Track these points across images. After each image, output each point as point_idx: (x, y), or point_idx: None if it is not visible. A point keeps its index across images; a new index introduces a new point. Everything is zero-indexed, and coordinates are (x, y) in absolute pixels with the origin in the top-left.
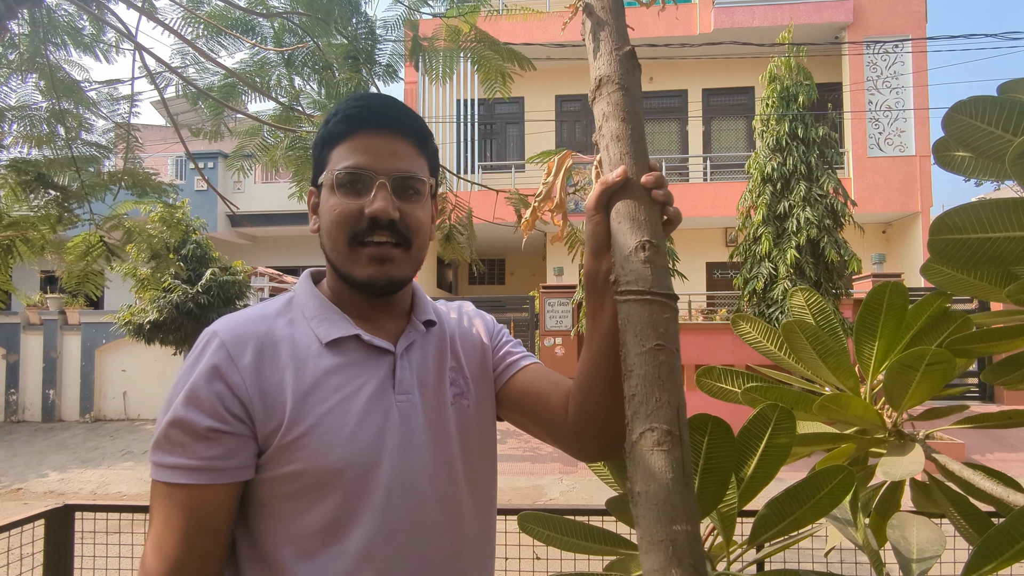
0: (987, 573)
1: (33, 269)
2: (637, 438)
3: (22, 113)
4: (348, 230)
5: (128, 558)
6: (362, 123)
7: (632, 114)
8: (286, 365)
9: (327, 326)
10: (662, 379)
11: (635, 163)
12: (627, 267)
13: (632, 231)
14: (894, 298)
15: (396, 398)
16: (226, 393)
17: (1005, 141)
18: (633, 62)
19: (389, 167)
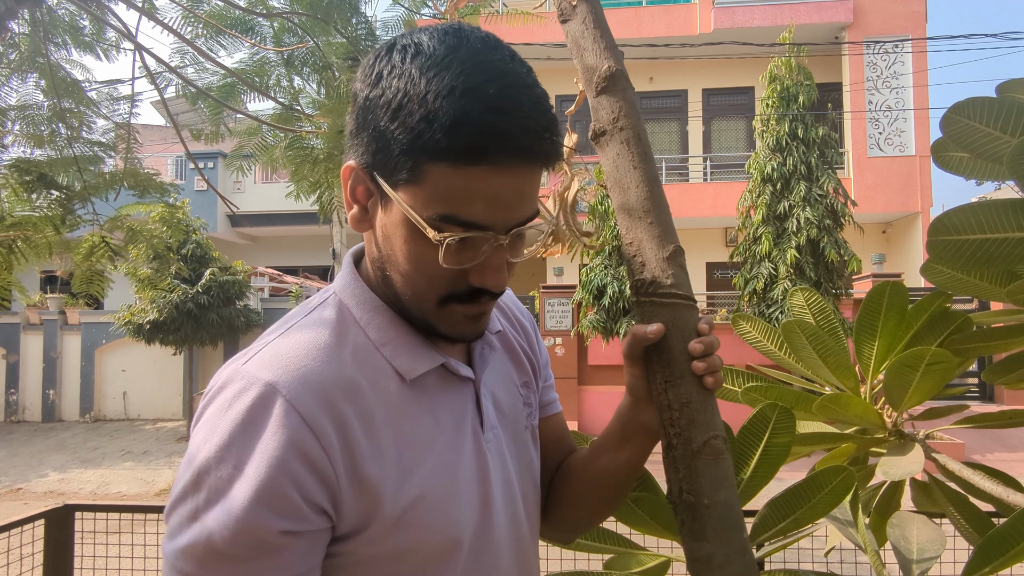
0: (988, 573)
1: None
2: (699, 447)
3: (23, 113)
4: (443, 291)
5: (128, 558)
6: (492, 155)
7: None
8: (372, 421)
9: (407, 356)
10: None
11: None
12: (666, 270)
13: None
14: (894, 298)
15: (485, 437)
16: (308, 480)
17: (1003, 142)
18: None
19: (512, 220)
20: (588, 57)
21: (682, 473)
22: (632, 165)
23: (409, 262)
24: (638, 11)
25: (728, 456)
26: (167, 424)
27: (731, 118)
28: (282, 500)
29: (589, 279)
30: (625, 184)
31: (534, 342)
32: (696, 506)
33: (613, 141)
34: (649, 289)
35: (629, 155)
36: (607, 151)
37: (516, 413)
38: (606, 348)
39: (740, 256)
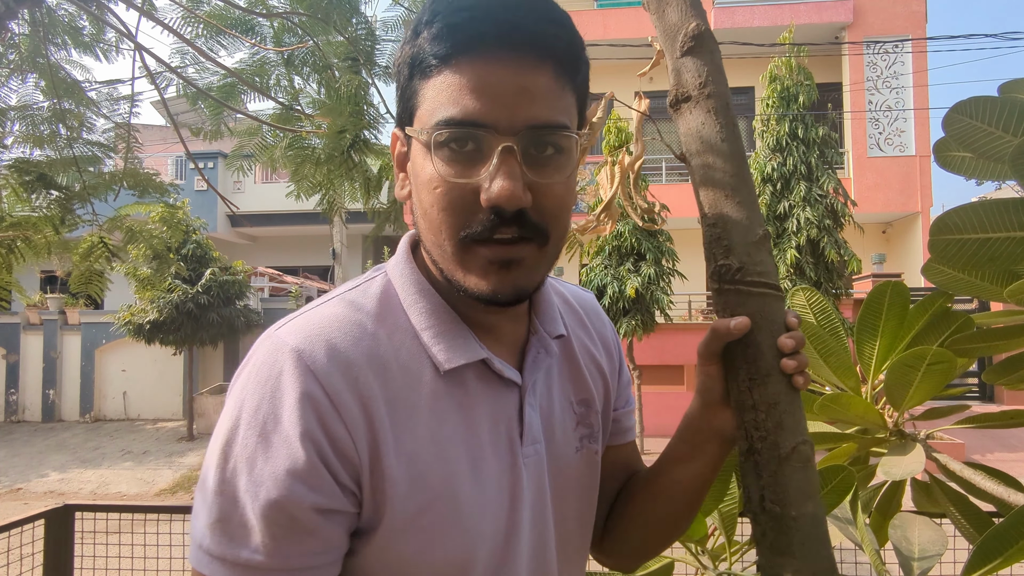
0: (987, 572)
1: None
2: (788, 453)
3: (23, 113)
4: (459, 220)
5: (128, 558)
6: (475, 39)
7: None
8: (397, 409)
9: (446, 345)
10: (802, 385)
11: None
12: (754, 256)
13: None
14: (895, 298)
15: (523, 451)
16: (331, 455)
17: (1005, 141)
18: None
19: (518, 118)
20: (671, 13)
21: (766, 480)
22: (720, 137)
23: (423, 192)
24: (638, 11)
25: (814, 466)
26: (167, 424)
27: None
28: (309, 471)
29: (589, 279)
30: (710, 158)
31: (614, 359)
32: (782, 517)
33: (698, 108)
34: (736, 276)
35: (716, 125)
36: (689, 119)
37: (566, 432)
38: None
39: None
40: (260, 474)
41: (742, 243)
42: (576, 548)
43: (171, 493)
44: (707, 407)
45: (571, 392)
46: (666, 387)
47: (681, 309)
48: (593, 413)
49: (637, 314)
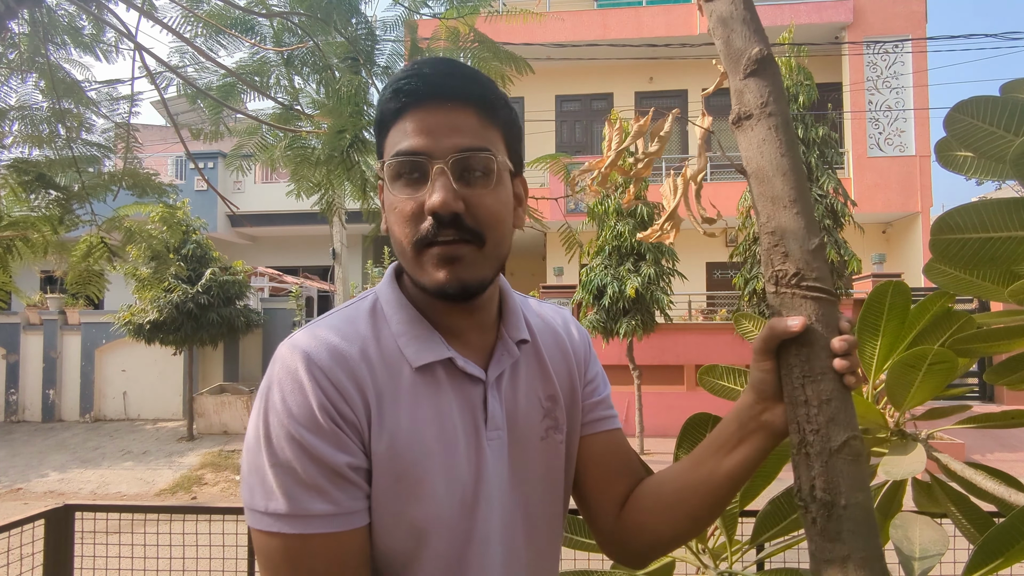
0: (988, 572)
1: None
2: (839, 446)
3: (23, 113)
4: (412, 232)
5: (128, 558)
6: (414, 96)
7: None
8: (383, 396)
9: (417, 347)
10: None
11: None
12: (811, 263)
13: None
14: (896, 298)
15: (488, 435)
16: (342, 423)
17: (1007, 141)
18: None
19: (447, 146)
20: (736, 39)
21: (817, 471)
22: (780, 152)
23: (389, 216)
24: (638, 11)
25: (867, 457)
26: (167, 424)
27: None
28: (334, 435)
29: (589, 279)
30: (769, 172)
31: (582, 360)
32: (833, 505)
33: (760, 126)
34: (792, 281)
35: (776, 141)
36: (751, 136)
37: (531, 423)
38: (606, 348)
39: (740, 256)
40: (301, 443)
41: (799, 250)
42: (544, 533)
43: (171, 493)
44: (759, 401)
45: (539, 388)
46: (666, 387)
47: (681, 309)
48: (559, 408)
49: (637, 314)
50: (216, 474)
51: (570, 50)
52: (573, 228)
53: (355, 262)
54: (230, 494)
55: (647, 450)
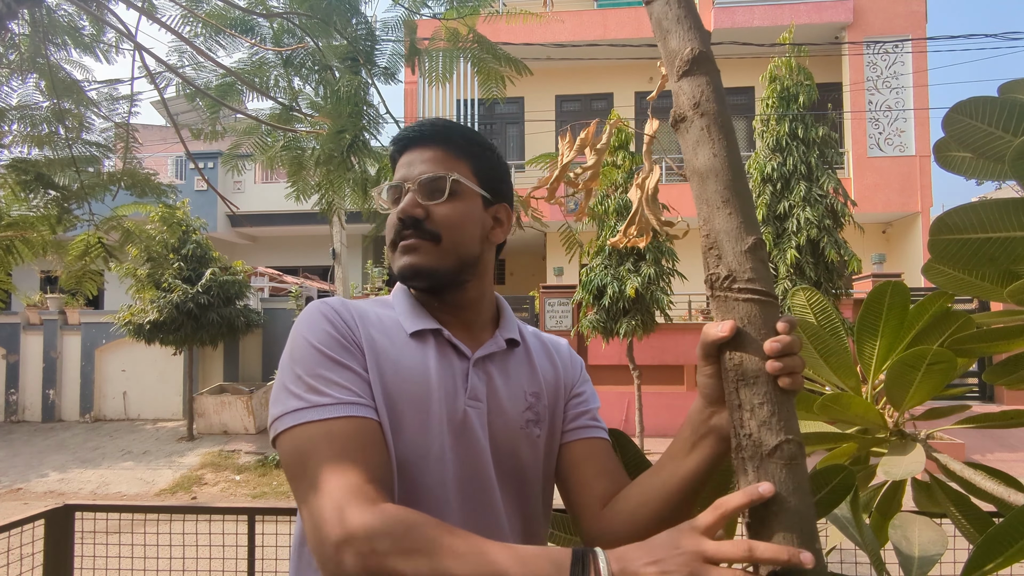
0: (988, 572)
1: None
2: (771, 451)
3: (22, 113)
4: (391, 234)
5: (128, 558)
6: (404, 143)
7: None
8: (377, 344)
9: (412, 318)
10: (789, 387)
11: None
12: (744, 264)
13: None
14: (895, 298)
15: (467, 401)
16: (349, 342)
17: (1005, 141)
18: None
19: (416, 173)
20: (671, 40)
21: (751, 477)
22: (712, 153)
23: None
24: (638, 11)
25: (803, 462)
26: (167, 424)
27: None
28: (347, 347)
29: (589, 279)
30: (703, 173)
31: (572, 377)
32: (764, 511)
33: (693, 128)
34: (725, 284)
35: (709, 142)
36: (687, 138)
37: (514, 410)
38: (606, 348)
39: None
40: (319, 350)
41: (732, 252)
42: (525, 512)
43: (171, 493)
44: (708, 405)
45: (525, 383)
46: (666, 387)
47: (681, 309)
48: (542, 404)
49: (637, 314)
50: (216, 474)
51: (570, 50)
52: (573, 228)
53: (355, 262)
54: (230, 494)
55: (647, 450)
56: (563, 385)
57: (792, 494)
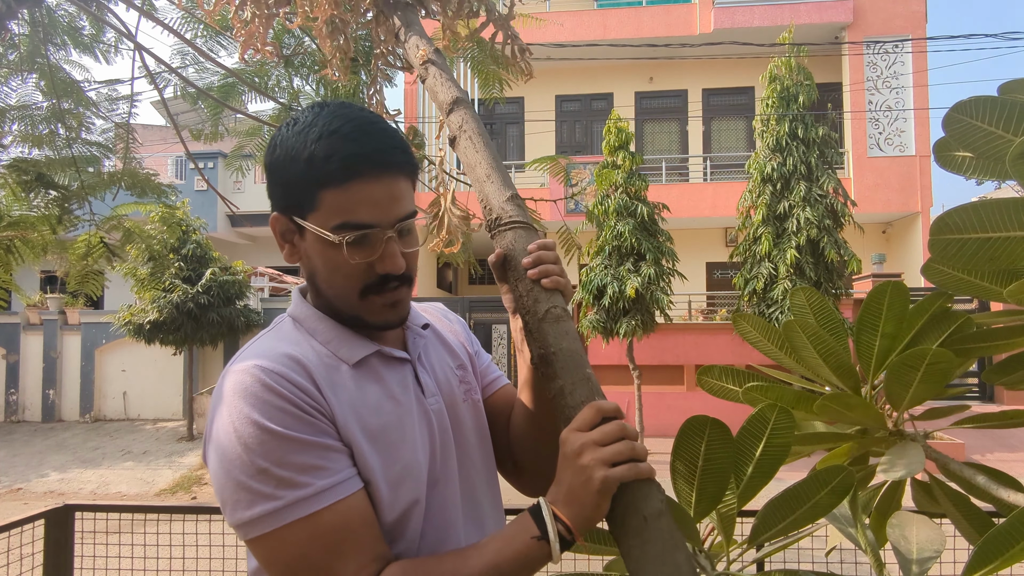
0: (988, 573)
1: (33, 269)
2: (543, 315)
3: (22, 113)
4: (359, 284)
5: (128, 558)
6: (360, 171)
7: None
8: (335, 386)
9: (348, 348)
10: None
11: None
12: (506, 209)
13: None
14: (895, 298)
15: (428, 402)
16: (310, 409)
17: (1005, 141)
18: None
19: (392, 217)
20: (440, 95)
21: (535, 336)
22: (475, 151)
23: (327, 268)
24: (638, 11)
25: (568, 319)
26: (167, 424)
27: (731, 118)
28: (308, 424)
29: (589, 279)
30: (473, 164)
31: (464, 337)
32: (546, 356)
33: (462, 139)
34: (496, 223)
35: (473, 146)
36: (460, 148)
37: (453, 388)
38: (606, 348)
39: (740, 256)
40: (283, 436)
41: (497, 203)
42: (485, 481)
43: (171, 493)
44: (514, 317)
45: (449, 360)
46: (666, 387)
47: (681, 309)
48: (469, 374)
49: (637, 314)
50: None
51: (570, 50)
52: (571, 229)
53: None
54: None
55: (647, 450)
56: (466, 347)
57: (563, 338)
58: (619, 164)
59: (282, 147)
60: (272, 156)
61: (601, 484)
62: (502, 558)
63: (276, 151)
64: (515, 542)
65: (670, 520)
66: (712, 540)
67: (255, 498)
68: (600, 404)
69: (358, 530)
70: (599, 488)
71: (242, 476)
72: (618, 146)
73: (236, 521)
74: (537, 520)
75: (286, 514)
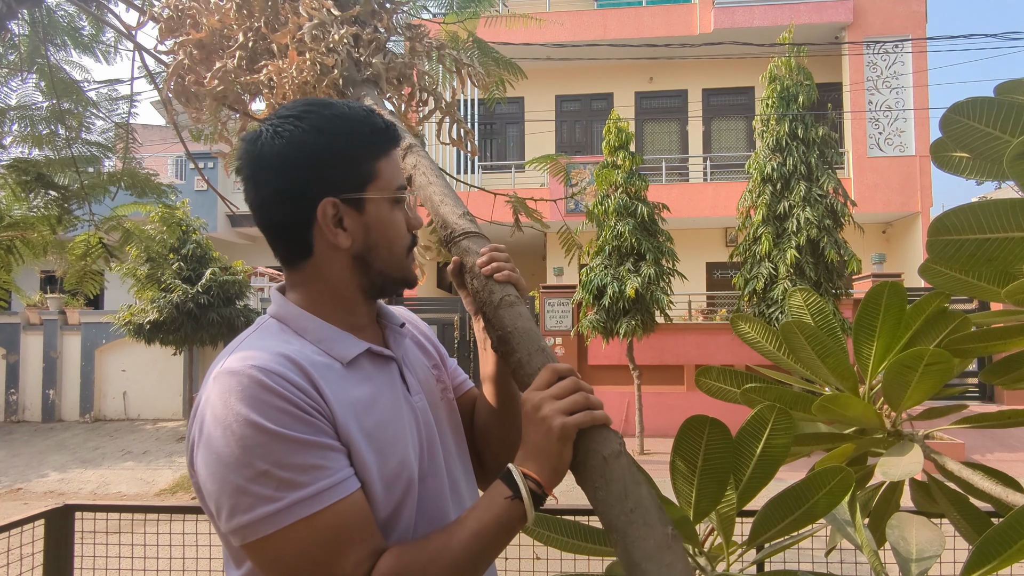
0: (987, 573)
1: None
2: (498, 302)
3: (22, 113)
4: (406, 241)
5: (128, 558)
6: (394, 140)
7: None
8: (327, 388)
9: (340, 346)
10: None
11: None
12: (459, 224)
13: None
14: (892, 298)
15: (413, 400)
16: (309, 409)
17: (1003, 142)
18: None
19: (407, 184)
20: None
21: (493, 323)
22: (429, 181)
23: (391, 235)
24: (638, 11)
25: (521, 304)
26: (167, 424)
27: (731, 118)
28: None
29: (589, 279)
30: (428, 193)
31: (433, 339)
32: (504, 336)
33: (417, 175)
34: (451, 236)
35: (426, 178)
36: (416, 183)
37: (431, 386)
38: (606, 348)
39: (740, 256)
40: (283, 436)
41: (452, 219)
42: (465, 476)
43: (171, 493)
44: (476, 318)
45: (424, 360)
46: (666, 387)
47: (681, 309)
48: (443, 374)
49: (637, 314)
50: None
51: (570, 50)
52: (572, 229)
53: None
54: None
55: (647, 450)
56: (435, 348)
57: (517, 319)
58: (619, 164)
59: (316, 139)
60: (303, 152)
61: (561, 431)
62: (481, 525)
63: (305, 147)
64: (492, 508)
65: (630, 459)
66: (712, 541)
67: (255, 501)
68: (554, 365)
69: (357, 527)
70: (559, 435)
71: (240, 480)
72: (618, 146)
73: (234, 526)
74: (508, 482)
75: (287, 515)
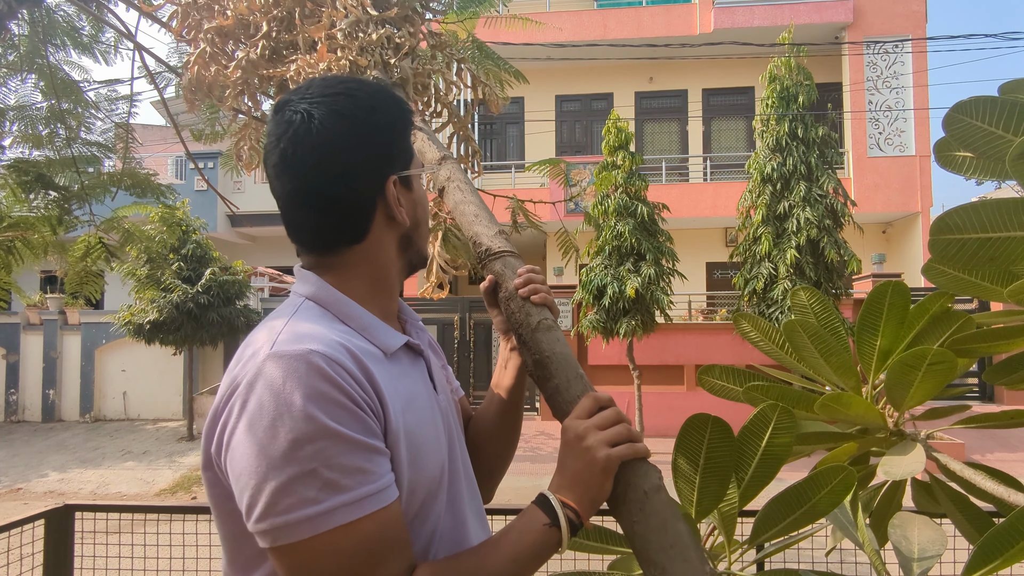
0: (988, 572)
1: (33, 269)
2: (536, 325)
3: (22, 113)
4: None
5: (128, 558)
6: (412, 112)
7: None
8: (381, 381)
9: (383, 336)
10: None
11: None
12: (494, 242)
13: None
14: (896, 298)
15: (438, 399)
16: (365, 407)
17: (1006, 141)
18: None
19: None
20: (428, 154)
21: (529, 346)
22: (464, 199)
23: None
24: (638, 11)
25: (558, 329)
26: (167, 424)
27: (731, 118)
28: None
29: (589, 279)
30: (463, 209)
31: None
32: (542, 360)
33: (450, 188)
34: (487, 254)
35: (460, 192)
36: (449, 194)
37: (444, 386)
38: (606, 348)
39: (740, 256)
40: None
41: (487, 237)
42: (472, 478)
43: (171, 493)
44: (504, 338)
45: (437, 359)
46: (666, 387)
47: (681, 309)
48: (450, 374)
49: (637, 314)
50: None
51: (570, 50)
52: (569, 232)
53: None
54: None
55: (641, 434)
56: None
57: (555, 344)
58: (619, 164)
59: (370, 116)
60: (359, 130)
61: (605, 462)
62: (518, 551)
63: (362, 125)
64: (528, 533)
65: (668, 494)
66: (713, 540)
67: (296, 501)
68: (596, 394)
69: (394, 539)
70: (603, 467)
71: (284, 477)
72: (618, 146)
73: (268, 526)
74: (545, 508)
75: (327, 520)
